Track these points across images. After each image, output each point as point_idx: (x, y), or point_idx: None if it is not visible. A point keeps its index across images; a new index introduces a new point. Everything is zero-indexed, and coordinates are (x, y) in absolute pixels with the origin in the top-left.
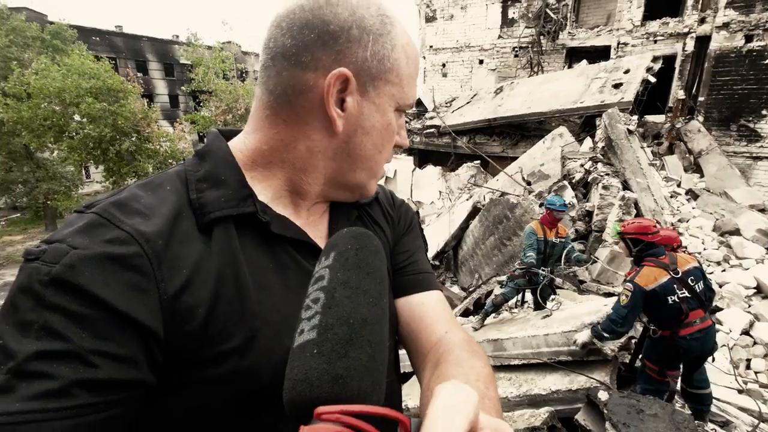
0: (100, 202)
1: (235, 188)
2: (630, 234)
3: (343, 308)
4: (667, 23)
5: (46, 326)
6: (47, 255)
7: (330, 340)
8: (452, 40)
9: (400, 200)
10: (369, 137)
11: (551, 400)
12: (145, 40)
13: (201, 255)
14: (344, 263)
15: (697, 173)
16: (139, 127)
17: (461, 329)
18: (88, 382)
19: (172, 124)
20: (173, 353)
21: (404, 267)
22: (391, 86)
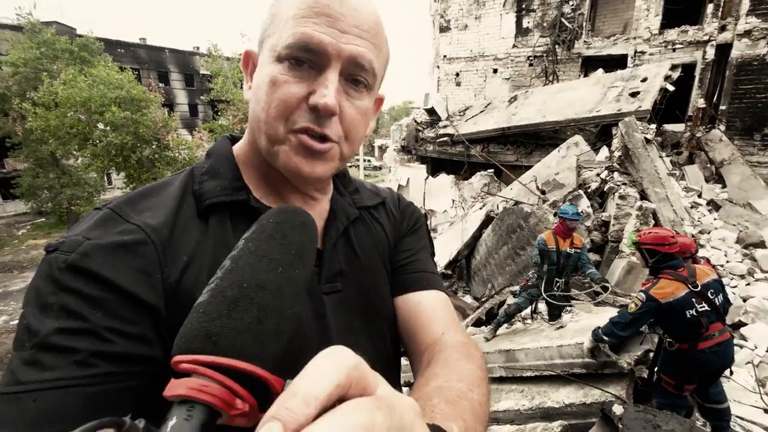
0: (116, 201)
1: (230, 179)
2: (646, 244)
3: (242, 274)
4: (686, 31)
5: (65, 307)
6: (64, 245)
7: (216, 302)
8: (466, 50)
9: (407, 202)
10: (255, 96)
11: (565, 413)
12: (167, 52)
13: (198, 241)
14: (259, 234)
15: (718, 183)
16: (159, 135)
17: (460, 331)
18: (106, 354)
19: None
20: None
21: (404, 265)
22: (269, 39)
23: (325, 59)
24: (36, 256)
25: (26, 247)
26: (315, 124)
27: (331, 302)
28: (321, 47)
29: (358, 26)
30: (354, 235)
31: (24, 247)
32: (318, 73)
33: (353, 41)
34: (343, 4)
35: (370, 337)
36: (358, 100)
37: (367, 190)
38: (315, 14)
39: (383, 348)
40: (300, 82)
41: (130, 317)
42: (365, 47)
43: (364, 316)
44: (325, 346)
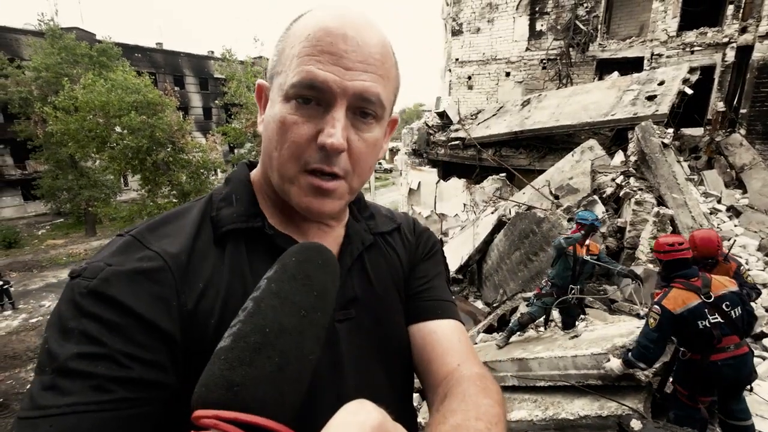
0: (138, 227)
1: (247, 206)
2: (656, 252)
3: (264, 317)
4: (705, 33)
5: (85, 332)
6: (87, 272)
7: (238, 348)
8: (478, 53)
9: (423, 227)
10: (266, 134)
11: (579, 426)
12: (183, 56)
13: (215, 268)
14: (282, 274)
15: (739, 189)
16: (174, 138)
17: (477, 362)
18: (123, 379)
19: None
20: (191, 360)
21: (419, 293)
22: (278, 77)
23: (330, 97)
24: (55, 256)
25: (45, 246)
26: (325, 164)
27: (344, 330)
28: (325, 86)
29: (363, 61)
30: (368, 261)
31: (43, 246)
32: (325, 110)
33: (358, 77)
34: (347, 41)
35: (384, 366)
36: (367, 133)
37: (383, 215)
38: (319, 52)
39: (396, 377)
40: (308, 121)
41: (147, 343)
42: (371, 80)
43: (377, 344)
44: (337, 376)
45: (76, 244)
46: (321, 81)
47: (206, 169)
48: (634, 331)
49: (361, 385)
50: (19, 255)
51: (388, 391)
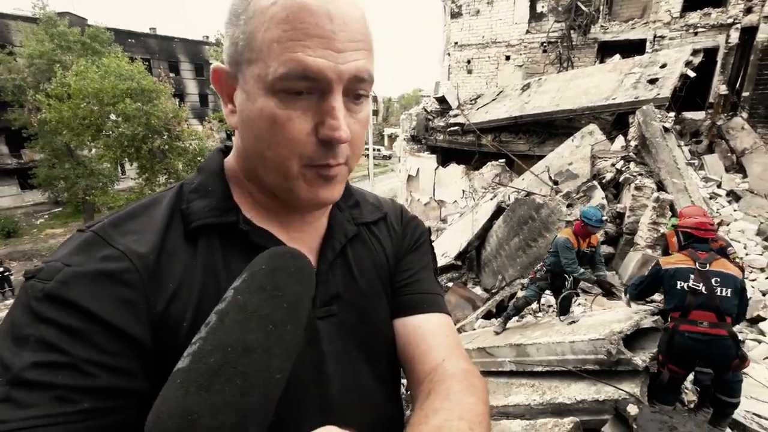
0: (100, 221)
1: (220, 199)
2: (685, 228)
3: (227, 334)
4: (709, 14)
5: (42, 339)
6: (43, 273)
7: (196, 370)
8: (478, 36)
9: (411, 216)
10: (250, 131)
11: (576, 410)
12: (177, 41)
13: (186, 266)
14: (249, 285)
15: (739, 173)
16: (170, 125)
17: (463, 357)
18: (88, 389)
19: (201, 122)
20: (164, 363)
21: (405, 286)
22: (253, 66)
23: (326, 85)
24: (54, 244)
25: (45, 236)
26: (330, 158)
27: (326, 327)
28: (321, 74)
29: (352, 39)
30: (352, 254)
31: (42, 236)
32: (320, 98)
33: (351, 58)
34: (333, 20)
35: (369, 363)
36: (361, 112)
37: (369, 203)
38: (305, 36)
39: (383, 374)
40: (303, 114)
41: (113, 349)
42: (363, 58)
43: (361, 341)
44: (319, 376)
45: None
46: (315, 70)
47: (203, 157)
48: (631, 317)
49: (346, 384)
50: (18, 244)
51: (374, 389)
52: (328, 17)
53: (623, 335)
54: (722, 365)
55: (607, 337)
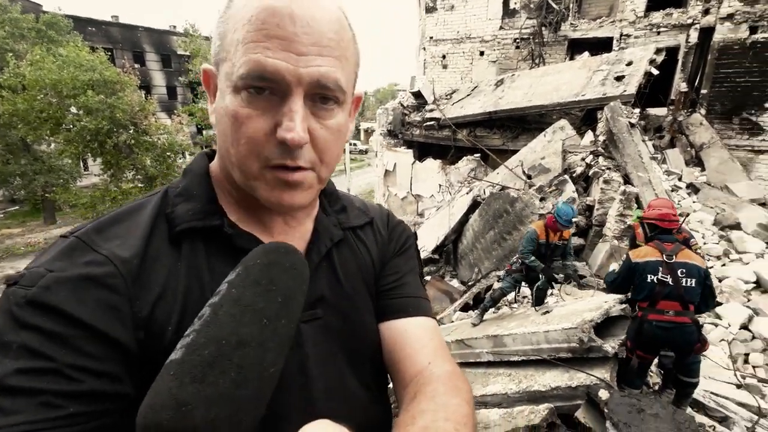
0: (84, 227)
1: (204, 202)
2: (650, 219)
3: (221, 327)
4: (670, 14)
5: (25, 345)
6: (25, 279)
7: (190, 362)
8: (452, 31)
9: (397, 221)
10: (219, 127)
11: (551, 396)
12: (142, 31)
13: (170, 270)
14: (244, 279)
15: (698, 167)
16: (136, 119)
17: (448, 360)
18: (74, 393)
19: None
20: (149, 367)
21: (391, 289)
22: (224, 65)
23: (284, 87)
24: (11, 245)
25: (1, 236)
26: (288, 159)
27: (310, 330)
28: (278, 75)
29: (316, 43)
30: (337, 258)
31: None
32: (281, 100)
33: (313, 62)
34: (295, 22)
35: (354, 367)
36: (330, 119)
37: (355, 208)
38: (265, 37)
39: (368, 377)
40: (263, 114)
41: (98, 354)
42: (328, 65)
43: (346, 345)
44: (304, 379)
45: (35, 233)
46: (272, 71)
47: (173, 152)
48: (601, 306)
49: (330, 387)
50: None
51: (359, 391)
52: (290, 19)
53: (594, 323)
54: (685, 350)
55: (579, 326)
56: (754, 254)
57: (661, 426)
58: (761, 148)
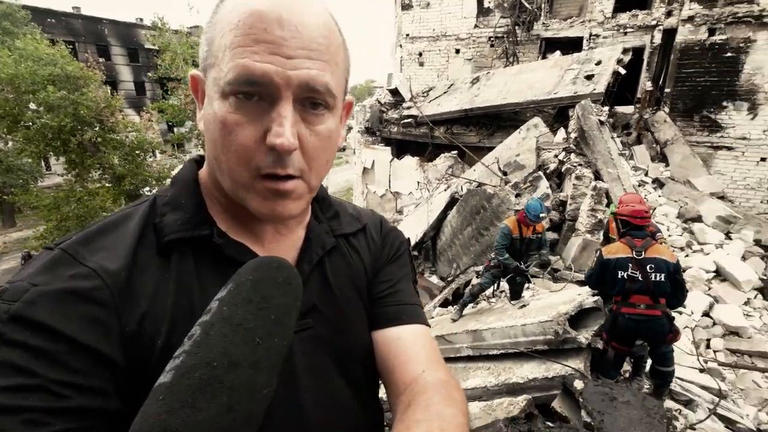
0: (69, 238)
1: (193, 212)
2: (623, 216)
3: (212, 348)
4: (636, 15)
5: (10, 362)
6: (8, 294)
7: (180, 386)
8: (428, 29)
9: (390, 227)
10: (208, 134)
11: (529, 387)
12: (106, 23)
13: (158, 283)
14: (235, 296)
15: (663, 162)
16: (102, 116)
17: (442, 368)
18: (60, 410)
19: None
20: (138, 382)
21: (384, 297)
22: (212, 70)
23: (273, 90)
24: None
25: None
26: (278, 167)
27: (300, 340)
28: (266, 78)
29: (304, 47)
30: (329, 266)
31: None
32: (270, 105)
33: (302, 65)
34: (283, 26)
35: (345, 377)
36: (320, 125)
37: (348, 214)
38: (253, 42)
39: (357, 385)
40: (252, 120)
41: (84, 369)
42: (317, 68)
43: (337, 354)
44: (291, 390)
45: None
46: (260, 75)
47: (142, 150)
48: (575, 298)
49: (320, 397)
50: None
51: (350, 400)
52: (278, 23)
53: (568, 316)
54: (658, 341)
55: (555, 319)
56: (714, 245)
57: (632, 412)
58: (719, 144)
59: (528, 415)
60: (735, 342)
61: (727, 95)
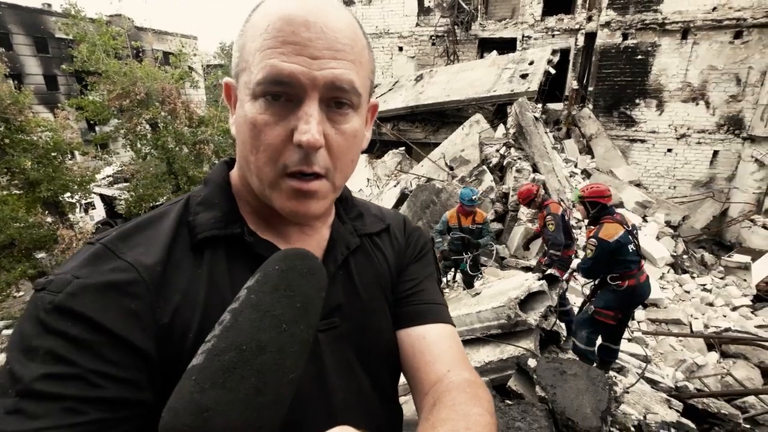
0: (109, 233)
1: (225, 211)
2: (589, 197)
3: (241, 333)
4: (561, 19)
5: (51, 351)
6: (52, 285)
7: (211, 367)
8: (371, 26)
9: (414, 227)
10: (239, 136)
11: (486, 370)
12: (5, 8)
13: (191, 278)
14: (263, 284)
15: (589, 155)
16: (7, 114)
17: (467, 368)
18: (96, 399)
19: (52, 110)
20: (170, 375)
21: (409, 296)
22: (243, 74)
23: (300, 90)
24: None
25: None
26: (304, 164)
27: (327, 339)
28: (293, 78)
29: (330, 47)
30: (354, 265)
31: None
32: (296, 105)
33: (327, 65)
34: (309, 28)
35: (370, 375)
36: (345, 124)
37: (371, 214)
38: (281, 44)
39: (382, 383)
40: (280, 120)
41: (120, 361)
42: (342, 68)
43: (362, 352)
44: (324, 390)
45: None
46: (287, 74)
47: (59, 152)
48: (523, 283)
49: (349, 396)
50: None
51: (375, 399)
52: (305, 26)
53: (518, 300)
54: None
55: (506, 304)
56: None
57: (579, 383)
58: (635, 137)
59: None
60: (654, 312)
61: (639, 93)
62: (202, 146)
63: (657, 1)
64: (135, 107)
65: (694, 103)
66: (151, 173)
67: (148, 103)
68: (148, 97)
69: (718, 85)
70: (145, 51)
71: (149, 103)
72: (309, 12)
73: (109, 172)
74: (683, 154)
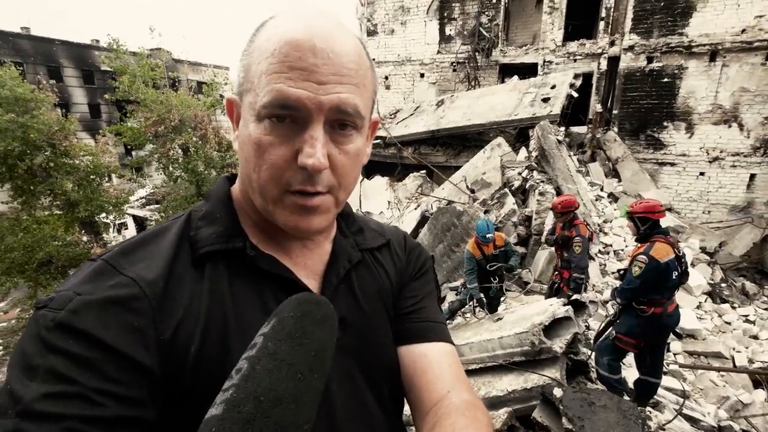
0: (111, 250)
1: (227, 225)
2: (639, 213)
3: (259, 383)
4: (584, 44)
5: (52, 369)
6: (54, 302)
7: (230, 419)
8: (394, 54)
9: (414, 243)
10: (242, 154)
11: (508, 400)
12: (59, 44)
13: (193, 293)
14: (278, 332)
15: (615, 178)
16: (54, 140)
17: (467, 389)
18: (97, 419)
19: (93, 136)
20: (172, 390)
21: (409, 313)
22: (247, 95)
23: (306, 114)
24: None
25: None
26: (308, 185)
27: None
28: (299, 103)
29: (336, 72)
30: (356, 279)
31: None
32: (301, 128)
33: (333, 90)
34: (316, 54)
35: (373, 389)
36: (348, 144)
37: (372, 229)
38: (288, 69)
39: (386, 399)
40: (285, 141)
41: (123, 379)
42: (347, 92)
43: (365, 367)
44: (327, 405)
45: None
46: (294, 100)
47: (98, 175)
48: (548, 309)
49: (352, 411)
50: None
51: (378, 415)
52: (312, 51)
53: (543, 326)
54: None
55: (530, 330)
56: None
57: (610, 416)
58: (664, 160)
59: (510, 428)
60: (691, 344)
61: (666, 116)
62: (230, 170)
63: (682, 25)
64: (169, 133)
65: (726, 125)
66: (181, 195)
67: (182, 129)
68: (181, 124)
69: (752, 107)
70: (180, 81)
71: (182, 129)
72: (315, 36)
73: (142, 194)
74: (717, 178)
